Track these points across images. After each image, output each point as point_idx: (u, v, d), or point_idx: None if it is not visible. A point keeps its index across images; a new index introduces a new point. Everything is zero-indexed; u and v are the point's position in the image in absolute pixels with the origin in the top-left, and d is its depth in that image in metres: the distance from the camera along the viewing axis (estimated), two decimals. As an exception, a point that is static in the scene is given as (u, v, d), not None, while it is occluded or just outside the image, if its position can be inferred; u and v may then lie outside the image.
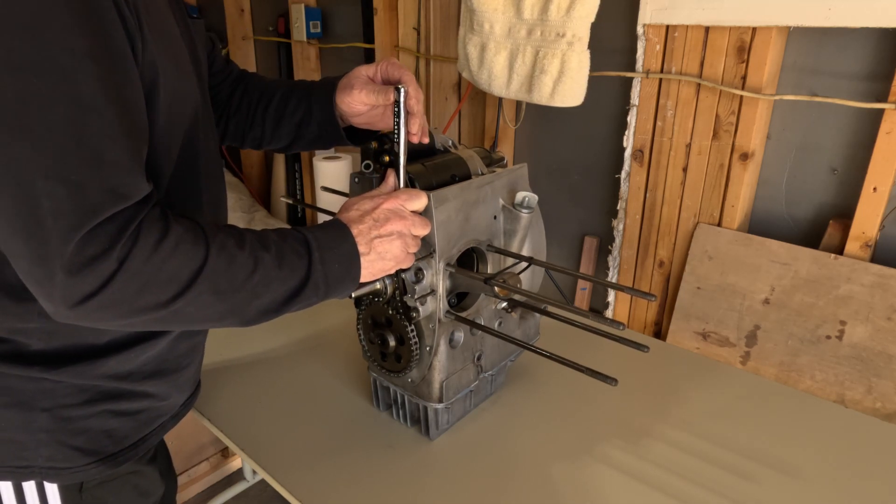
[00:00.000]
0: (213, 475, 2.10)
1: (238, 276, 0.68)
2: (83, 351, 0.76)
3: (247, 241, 0.70)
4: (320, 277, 0.74)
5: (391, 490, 0.94)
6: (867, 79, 1.19)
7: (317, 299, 0.75)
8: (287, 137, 1.03)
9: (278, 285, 0.71)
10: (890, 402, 1.17)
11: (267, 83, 1.05)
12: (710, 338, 1.39)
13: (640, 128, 1.45)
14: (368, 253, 0.78)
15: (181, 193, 0.79)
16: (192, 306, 0.66)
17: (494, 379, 1.14)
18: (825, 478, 0.97)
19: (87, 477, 0.81)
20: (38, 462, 0.77)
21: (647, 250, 1.52)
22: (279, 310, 0.73)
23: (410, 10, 1.79)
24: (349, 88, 0.94)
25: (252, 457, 1.01)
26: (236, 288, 0.68)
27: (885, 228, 1.22)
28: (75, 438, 0.78)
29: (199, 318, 0.68)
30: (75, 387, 0.77)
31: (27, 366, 0.74)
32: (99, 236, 0.59)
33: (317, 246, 0.74)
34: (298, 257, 0.72)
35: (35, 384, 0.75)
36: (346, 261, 0.76)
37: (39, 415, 0.76)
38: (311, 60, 2.25)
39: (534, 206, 1.01)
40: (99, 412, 0.79)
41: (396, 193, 0.82)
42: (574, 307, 0.87)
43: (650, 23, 1.36)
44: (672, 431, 1.07)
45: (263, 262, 0.70)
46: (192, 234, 0.66)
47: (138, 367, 0.81)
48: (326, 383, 1.21)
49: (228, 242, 0.68)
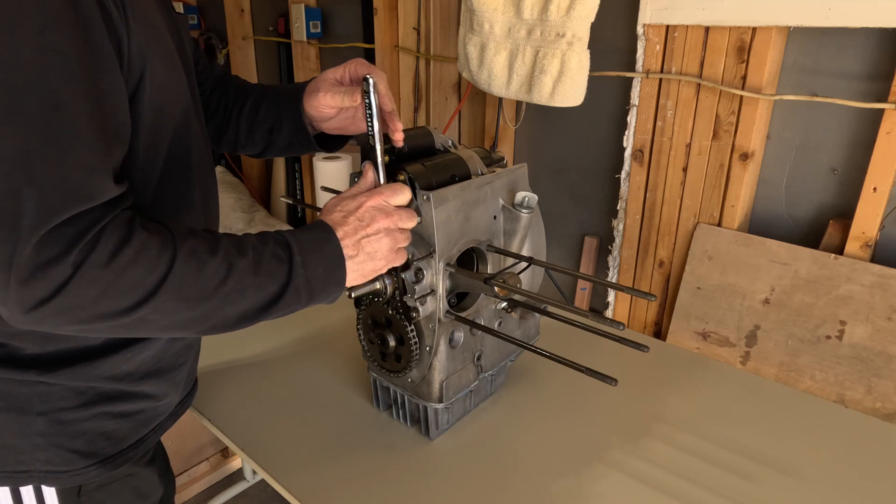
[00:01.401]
0: (213, 475, 2.10)
1: (208, 283, 0.65)
2: (78, 353, 0.75)
3: (221, 246, 0.68)
4: (302, 282, 0.71)
5: (391, 490, 0.94)
6: (867, 79, 1.19)
7: (300, 305, 0.72)
8: (260, 144, 1.01)
9: (255, 291, 0.68)
10: (890, 402, 1.17)
11: (243, 87, 1.04)
12: (710, 338, 1.39)
13: (640, 128, 1.45)
14: (357, 255, 0.76)
15: (173, 189, 0.77)
16: (157, 314, 0.63)
17: (494, 379, 1.14)
18: (825, 478, 0.97)
19: (85, 480, 0.80)
20: (36, 466, 0.77)
21: (647, 250, 1.52)
22: (257, 316, 0.70)
23: (410, 10, 1.79)
24: (315, 92, 0.93)
25: (252, 457, 1.01)
26: (206, 295, 0.65)
27: (885, 228, 1.22)
28: (73, 441, 0.78)
29: (166, 326, 0.66)
30: (71, 389, 0.76)
31: (23, 370, 0.73)
32: (56, 239, 0.57)
33: (298, 250, 0.72)
34: (278, 262, 0.70)
35: (31, 388, 0.74)
36: (330, 264, 0.74)
37: (36, 419, 0.75)
38: (311, 60, 2.25)
39: (534, 206, 1.01)
40: (96, 414, 0.79)
41: (379, 190, 0.80)
42: (574, 307, 0.87)
43: (650, 23, 1.36)
44: (672, 431, 1.07)
45: (238, 268, 0.67)
46: (158, 240, 0.64)
47: (135, 367, 0.81)
48: (326, 383, 1.21)
49: (199, 248, 0.66)
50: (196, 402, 1.14)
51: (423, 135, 1.00)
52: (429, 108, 1.86)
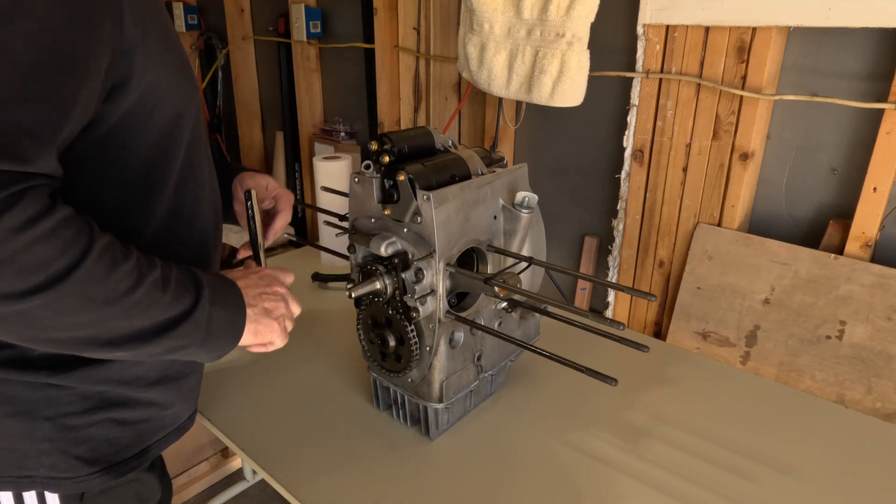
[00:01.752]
0: (213, 475, 2.10)
1: (118, 286, 0.60)
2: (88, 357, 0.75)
3: (133, 253, 0.64)
4: (203, 317, 0.67)
5: (391, 490, 0.94)
6: (867, 79, 1.19)
7: (191, 342, 0.68)
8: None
9: (158, 310, 0.63)
10: (890, 402, 1.17)
11: None
12: (710, 338, 1.39)
13: (640, 128, 1.45)
14: (255, 306, 0.75)
15: (189, 193, 0.80)
16: (51, 309, 0.56)
17: (494, 379, 1.14)
18: (825, 478, 0.97)
19: (88, 487, 0.80)
20: (40, 472, 0.76)
21: (647, 250, 1.52)
22: (147, 340, 0.64)
23: (410, 10, 1.79)
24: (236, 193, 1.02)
25: (252, 457, 1.01)
26: (111, 300, 0.59)
27: (885, 228, 1.22)
28: (77, 448, 0.78)
29: (49, 327, 0.58)
30: (78, 394, 0.76)
31: (33, 371, 0.73)
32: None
33: (207, 283, 0.69)
34: (185, 288, 0.67)
35: (39, 392, 0.74)
36: (233, 311, 0.72)
37: (42, 423, 0.75)
38: (311, 60, 2.25)
39: (534, 206, 1.01)
40: (101, 420, 0.79)
41: (268, 269, 0.83)
42: (574, 307, 0.87)
43: (650, 23, 1.36)
44: (672, 431, 1.07)
45: (147, 280, 0.62)
46: (77, 224, 0.58)
47: (144, 372, 0.81)
48: (326, 383, 1.21)
49: (115, 247, 0.61)
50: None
51: (423, 135, 1.00)
52: (429, 108, 1.86)
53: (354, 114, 2.22)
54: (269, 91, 2.55)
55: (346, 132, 2.22)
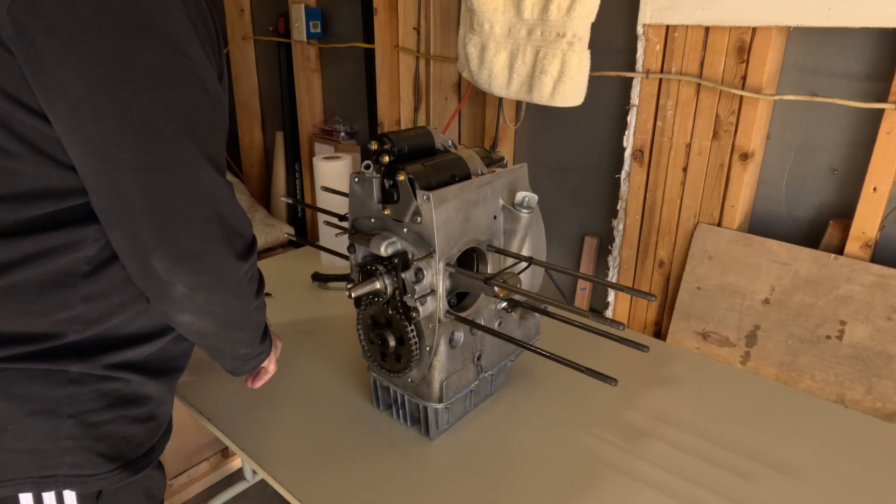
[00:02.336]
0: (213, 475, 2.10)
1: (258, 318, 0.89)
2: (111, 341, 0.79)
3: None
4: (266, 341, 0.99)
5: (391, 490, 0.94)
6: (867, 79, 1.19)
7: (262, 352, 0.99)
8: None
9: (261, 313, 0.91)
10: (890, 402, 1.17)
11: None
12: (710, 338, 1.39)
13: (640, 128, 1.45)
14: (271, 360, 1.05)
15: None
16: (262, 313, 0.89)
17: (494, 379, 1.14)
18: (825, 478, 0.97)
19: (109, 484, 0.82)
20: (62, 470, 0.77)
21: (647, 250, 1.52)
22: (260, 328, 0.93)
23: (410, 10, 1.79)
24: None
25: (252, 457, 1.01)
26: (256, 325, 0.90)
27: (885, 228, 1.22)
28: (99, 444, 0.79)
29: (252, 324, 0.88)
30: (97, 392, 0.78)
31: (64, 360, 0.75)
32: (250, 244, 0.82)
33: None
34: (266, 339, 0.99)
35: (60, 390, 0.75)
36: (262, 356, 1.01)
37: (65, 421, 0.76)
38: (311, 60, 2.25)
39: (534, 206, 1.01)
40: (118, 417, 0.81)
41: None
42: (574, 307, 0.87)
43: (650, 23, 1.36)
44: (672, 431, 1.07)
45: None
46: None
47: (147, 357, 0.83)
48: (326, 383, 1.21)
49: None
50: (196, 402, 1.14)
51: (423, 135, 1.00)
52: (429, 108, 1.86)
53: (354, 114, 2.22)
54: (269, 91, 2.55)
55: (346, 132, 2.22)
